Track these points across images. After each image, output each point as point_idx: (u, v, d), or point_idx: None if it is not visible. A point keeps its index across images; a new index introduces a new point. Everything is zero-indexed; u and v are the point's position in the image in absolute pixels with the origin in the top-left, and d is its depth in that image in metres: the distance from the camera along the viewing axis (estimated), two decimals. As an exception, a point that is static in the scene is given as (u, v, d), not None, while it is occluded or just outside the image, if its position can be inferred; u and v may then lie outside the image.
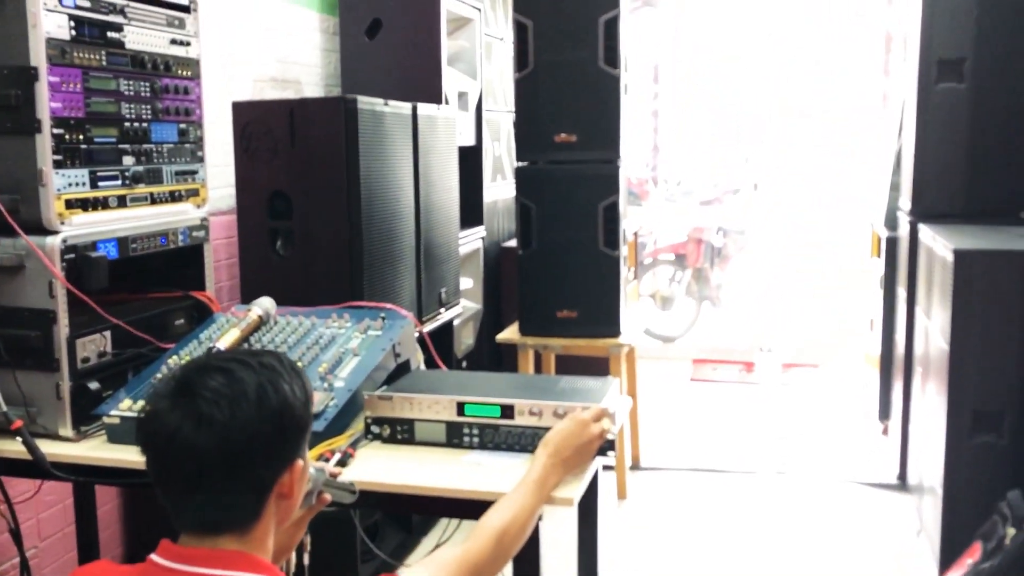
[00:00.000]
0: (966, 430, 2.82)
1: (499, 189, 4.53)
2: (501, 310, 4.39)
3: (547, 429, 1.78)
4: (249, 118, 2.90)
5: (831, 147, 6.76)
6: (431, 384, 2.01)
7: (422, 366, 2.30)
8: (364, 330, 2.15)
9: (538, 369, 3.90)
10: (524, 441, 1.82)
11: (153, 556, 1.22)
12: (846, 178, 6.71)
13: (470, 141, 4.10)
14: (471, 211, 4.03)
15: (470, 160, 4.06)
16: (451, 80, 3.87)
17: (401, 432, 1.90)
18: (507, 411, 1.84)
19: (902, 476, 3.79)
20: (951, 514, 2.89)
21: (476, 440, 1.86)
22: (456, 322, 3.66)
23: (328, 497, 1.52)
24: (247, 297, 2.86)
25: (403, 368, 2.18)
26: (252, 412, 1.17)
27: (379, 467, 1.80)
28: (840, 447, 4.40)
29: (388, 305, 2.25)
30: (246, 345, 2.10)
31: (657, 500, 3.82)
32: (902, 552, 3.36)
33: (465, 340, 4.00)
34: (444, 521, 3.48)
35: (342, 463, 1.77)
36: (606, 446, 1.79)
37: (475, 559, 1.43)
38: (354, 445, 1.86)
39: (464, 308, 3.78)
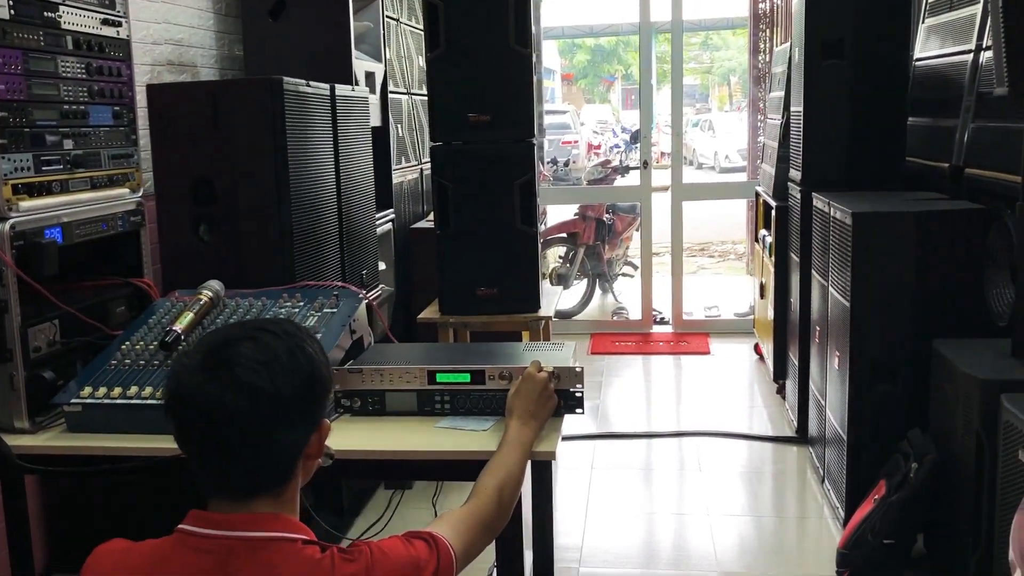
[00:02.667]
0: (867, 379, 3.06)
1: (403, 171, 4.55)
2: (412, 291, 4.42)
3: (517, 392, 1.86)
4: (166, 101, 2.82)
5: (715, 123, 7.03)
6: (395, 356, 2.05)
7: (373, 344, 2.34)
8: (319, 308, 2.17)
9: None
10: (495, 404, 1.90)
11: (183, 526, 1.23)
12: (731, 153, 7.01)
13: (377, 123, 4.11)
14: (382, 193, 4.04)
15: (378, 142, 4.06)
16: (358, 62, 3.87)
17: (372, 404, 1.95)
18: (477, 376, 1.91)
19: (801, 430, 4.05)
20: (855, 459, 3.13)
21: (448, 406, 1.93)
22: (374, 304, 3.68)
23: None
24: (169, 284, 2.81)
25: (357, 345, 2.21)
26: (288, 377, 1.21)
27: (355, 437, 1.84)
28: (738, 407, 4.65)
29: (337, 283, 2.28)
30: (200, 328, 2.09)
31: (574, 465, 3.95)
32: (808, 499, 3.61)
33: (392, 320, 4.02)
34: (376, 502, 3.52)
35: (320, 435, 1.80)
36: (574, 404, 1.89)
37: (484, 514, 1.51)
38: (326, 418, 1.89)
39: (382, 290, 3.80)
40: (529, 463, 1.81)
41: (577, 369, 1.89)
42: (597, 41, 26.13)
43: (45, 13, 1.95)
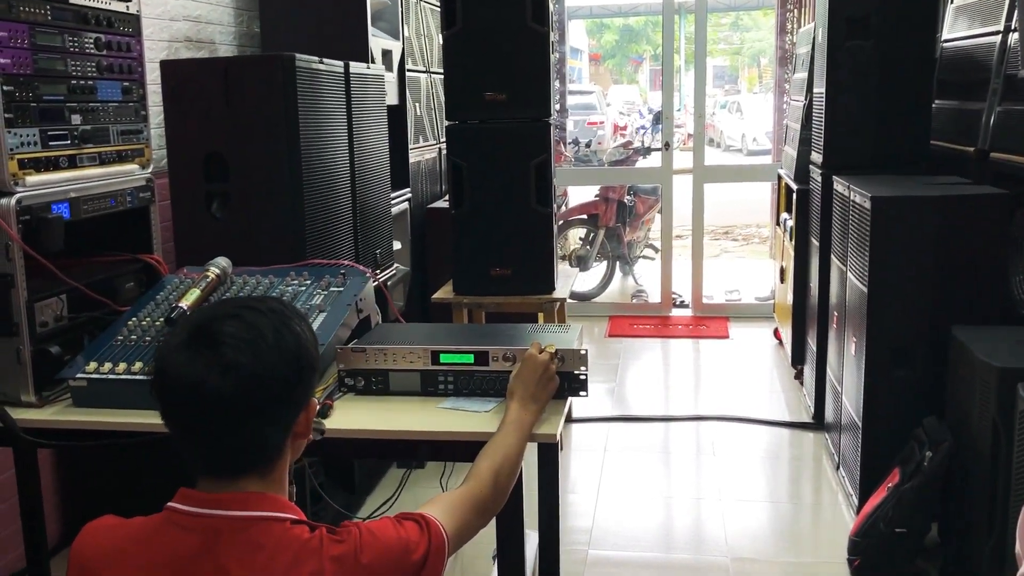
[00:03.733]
0: (884, 365, 3.01)
1: (421, 151, 4.53)
2: (428, 271, 4.41)
3: (520, 374, 1.85)
4: (180, 78, 2.83)
5: (743, 105, 6.94)
6: (400, 336, 2.04)
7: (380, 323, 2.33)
8: (326, 287, 2.16)
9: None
10: (499, 385, 1.88)
11: (172, 504, 1.23)
12: (759, 135, 6.92)
13: (394, 101, 4.09)
14: (398, 173, 4.02)
15: (395, 121, 4.04)
16: (375, 39, 3.85)
17: (376, 383, 1.94)
18: (481, 357, 1.90)
19: (818, 416, 4.01)
20: (870, 444, 3.09)
21: (451, 387, 1.91)
22: (388, 283, 3.68)
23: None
24: (181, 261, 2.81)
25: (364, 324, 2.20)
26: (274, 355, 1.20)
27: (359, 416, 1.84)
28: (755, 392, 4.61)
29: (345, 262, 2.27)
30: (206, 305, 2.09)
31: (588, 447, 3.94)
32: (823, 485, 3.58)
33: (396, 301, 4.01)
34: (388, 481, 3.53)
35: (323, 414, 1.80)
36: (578, 386, 1.88)
37: (478, 496, 1.49)
38: (330, 397, 1.89)
39: (396, 269, 3.79)
40: (535, 445, 1.79)
41: (582, 352, 1.86)
42: (626, 21, 25.88)
43: (53, -13, 1.95)
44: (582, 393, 1.88)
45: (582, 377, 1.87)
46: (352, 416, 1.84)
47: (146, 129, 2.29)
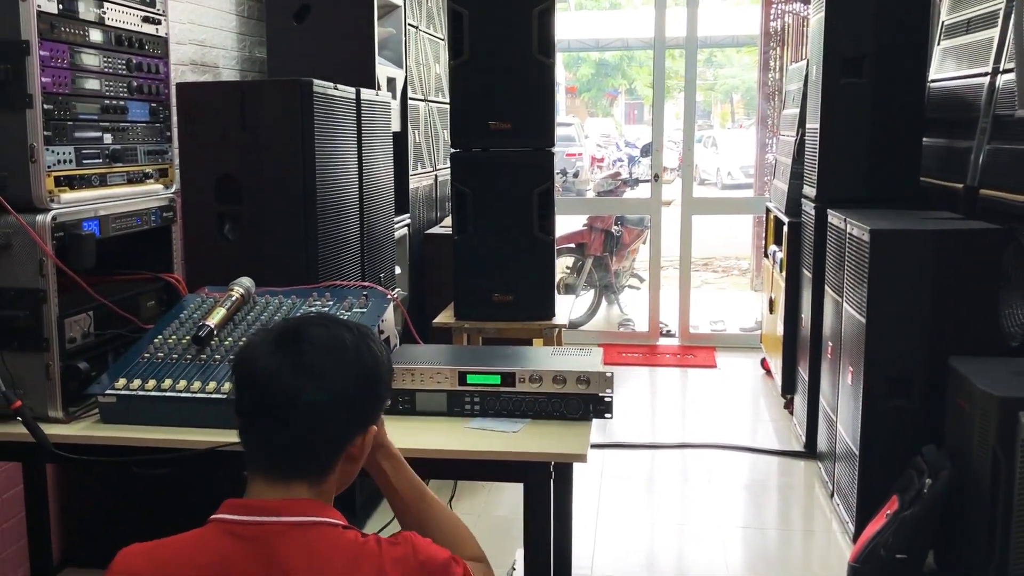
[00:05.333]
0: (881, 395, 3.08)
1: (419, 177, 4.58)
2: (425, 296, 4.44)
3: (546, 395, 1.90)
4: (195, 100, 2.86)
5: (713, 140, 7.06)
6: (424, 357, 2.07)
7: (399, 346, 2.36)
8: (348, 308, 2.19)
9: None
10: (524, 407, 1.92)
11: (219, 515, 1.24)
12: (734, 170, 7.03)
13: (396, 128, 4.13)
14: (399, 199, 4.06)
15: (397, 148, 4.09)
16: (381, 67, 3.90)
17: (402, 403, 1.97)
18: (507, 379, 1.93)
19: (809, 444, 4.07)
20: (867, 472, 3.14)
21: (477, 407, 1.94)
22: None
23: None
24: (192, 281, 2.83)
25: (384, 345, 2.23)
26: (349, 367, 1.24)
27: (388, 435, 1.85)
28: (745, 421, 4.67)
29: (366, 283, 2.30)
30: (231, 324, 2.11)
31: (584, 474, 3.96)
32: (816, 513, 3.63)
33: (396, 326, 4.03)
34: (387, 506, 3.53)
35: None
36: (603, 408, 1.92)
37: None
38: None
39: (397, 293, 3.82)
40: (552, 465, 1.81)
41: (608, 375, 1.91)
42: (602, 55, 26.21)
43: (92, 9, 1.97)
44: (607, 415, 1.92)
45: (607, 399, 1.91)
46: (381, 435, 1.86)
47: (170, 150, 2.31)
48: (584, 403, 1.91)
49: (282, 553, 1.19)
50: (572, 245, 6.77)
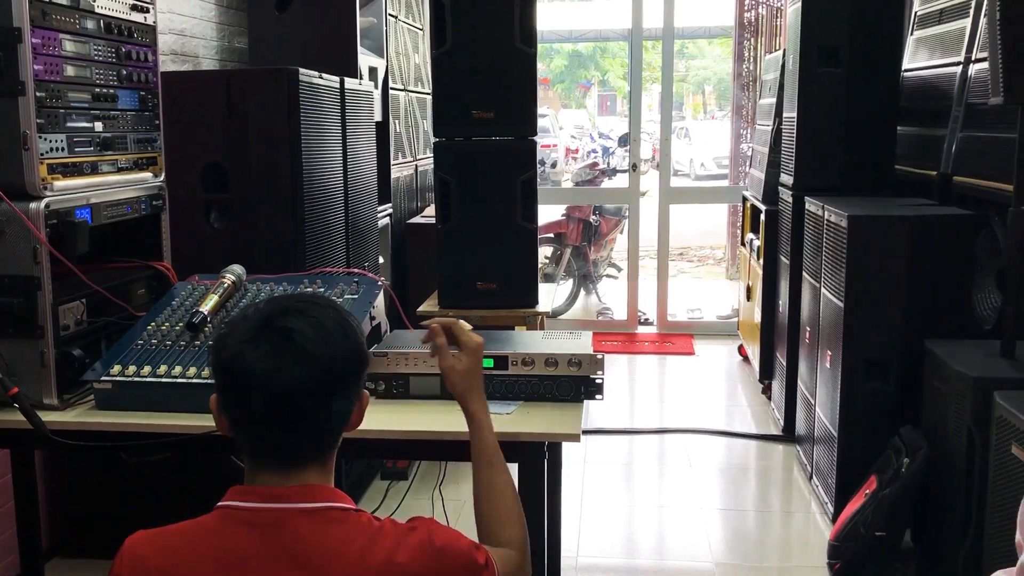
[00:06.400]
0: (859, 378, 3.15)
1: (400, 167, 4.59)
2: (407, 286, 4.45)
3: (538, 377, 1.93)
4: (180, 89, 2.86)
5: (686, 132, 7.13)
6: (416, 342, 2.10)
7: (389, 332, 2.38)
8: (340, 295, 2.21)
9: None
10: (517, 389, 1.96)
11: (227, 502, 1.23)
12: (707, 160, 7.10)
13: (378, 118, 4.14)
14: (381, 188, 4.08)
15: (379, 137, 4.10)
16: (363, 56, 3.91)
17: (396, 387, 1.99)
18: (500, 362, 1.96)
19: (788, 428, 4.14)
20: (846, 454, 3.21)
21: (471, 391, 1.97)
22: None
23: None
24: (178, 269, 2.83)
25: (375, 331, 2.25)
26: (341, 347, 1.25)
27: (383, 418, 1.89)
28: (723, 406, 4.74)
29: (356, 270, 2.32)
30: (223, 311, 2.12)
31: (568, 458, 4.00)
32: (795, 495, 3.70)
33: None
34: (373, 493, 3.56)
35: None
36: (595, 390, 1.95)
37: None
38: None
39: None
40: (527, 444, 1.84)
41: (598, 357, 1.95)
42: (575, 47, 26.23)
43: (81, -4, 1.98)
44: (598, 396, 1.96)
45: (598, 381, 1.95)
46: (376, 418, 1.88)
47: (159, 138, 2.32)
48: (576, 385, 1.95)
49: (295, 539, 1.19)
50: (551, 235, 6.81)
